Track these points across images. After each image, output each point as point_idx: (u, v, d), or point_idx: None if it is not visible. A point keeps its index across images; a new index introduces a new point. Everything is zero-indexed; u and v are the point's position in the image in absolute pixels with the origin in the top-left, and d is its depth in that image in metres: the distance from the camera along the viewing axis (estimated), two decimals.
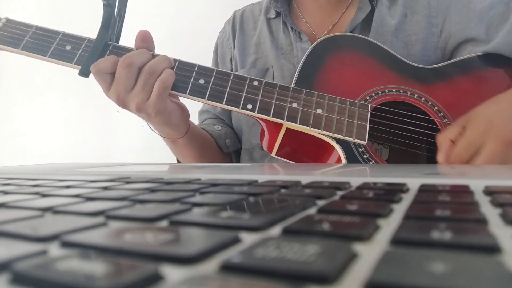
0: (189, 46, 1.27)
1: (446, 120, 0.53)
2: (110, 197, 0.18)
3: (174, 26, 1.37)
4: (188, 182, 0.24)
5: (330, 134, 0.50)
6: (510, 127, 0.43)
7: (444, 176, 0.27)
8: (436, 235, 0.10)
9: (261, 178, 0.24)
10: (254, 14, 0.74)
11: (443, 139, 0.46)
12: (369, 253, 0.09)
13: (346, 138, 0.50)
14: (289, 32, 0.68)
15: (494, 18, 0.58)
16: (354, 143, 0.50)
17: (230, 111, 0.74)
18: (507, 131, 0.42)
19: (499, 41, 0.55)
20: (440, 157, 0.46)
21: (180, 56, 0.54)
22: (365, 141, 0.50)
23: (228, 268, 0.08)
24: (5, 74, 1.66)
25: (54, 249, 0.10)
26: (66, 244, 0.10)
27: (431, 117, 0.53)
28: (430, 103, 0.53)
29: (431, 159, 0.53)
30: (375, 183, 0.21)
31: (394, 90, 0.54)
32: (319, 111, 0.51)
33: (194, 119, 0.69)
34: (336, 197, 0.17)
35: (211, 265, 0.09)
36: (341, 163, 0.49)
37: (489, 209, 0.14)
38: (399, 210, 0.14)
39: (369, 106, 0.52)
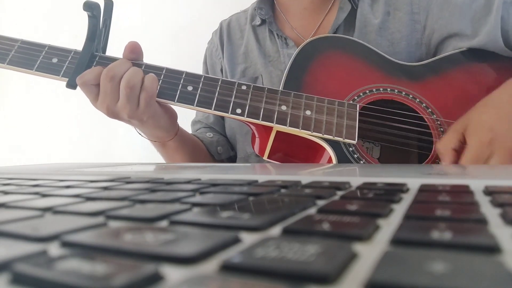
0: (189, 48, 1.27)
1: (435, 116, 0.53)
2: (110, 197, 0.18)
3: (175, 27, 1.37)
4: (188, 182, 0.24)
5: (320, 135, 0.50)
6: None
7: (444, 176, 0.27)
8: (436, 235, 0.10)
9: (261, 178, 0.24)
10: (240, 23, 0.74)
11: (444, 149, 0.46)
12: (369, 253, 0.09)
13: (336, 138, 0.50)
14: (275, 39, 0.68)
15: (477, 11, 0.58)
16: (344, 143, 0.50)
17: (223, 121, 0.74)
18: (510, 140, 0.42)
19: (484, 37, 0.56)
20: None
21: (177, 59, 0.54)
22: (355, 140, 0.50)
23: (228, 268, 0.08)
24: (4, 73, 1.66)
25: (54, 249, 0.10)
26: (66, 244, 0.10)
27: (419, 113, 0.53)
28: (417, 100, 0.54)
29: (422, 156, 0.53)
30: (375, 183, 0.21)
31: (381, 89, 0.54)
32: (308, 112, 0.51)
33: (187, 129, 0.69)
34: (336, 197, 0.17)
35: (211, 265, 0.09)
36: (332, 163, 0.49)
37: (489, 209, 0.14)
38: (399, 210, 0.14)
39: (357, 105, 0.52)
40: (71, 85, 0.51)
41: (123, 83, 0.49)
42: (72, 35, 0.58)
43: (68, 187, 0.23)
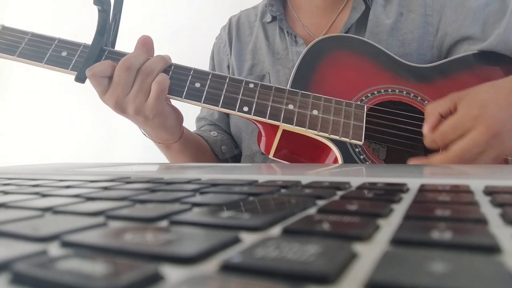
0: (190, 47, 1.28)
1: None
2: (110, 197, 0.18)
3: (175, 26, 1.37)
4: (188, 182, 0.24)
5: (327, 135, 0.50)
6: (502, 118, 0.42)
7: (444, 176, 0.27)
8: (436, 235, 0.10)
9: (261, 178, 0.24)
10: (249, 20, 0.74)
11: (432, 110, 0.46)
12: (369, 253, 0.09)
13: (343, 138, 0.50)
14: (285, 36, 0.68)
15: (490, 15, 0.57)
16: (351, 144, 0.50)
17: (228, 118, 0.74)
18: (497, 121, 0.42)
19: (495, 38, 0.55)
20: (425, 128, 0.46)
21: (180, 57, 0.54)
22: (361, 141, 0.50)
23: (228, 268, 0.08)
24: (5, 73, 1.66)
25: (54, 249, 0.10)
26: (66, 244, 0.10)
27: None
28: (426, 102, 0.54)
29: None
30: (375, 183, 0.21)
31: (390, 90, 0.54)
32: (315, 112, 0.51)
33: (191, 125, 0.69)
34: (336, 197, 0.17)
35: (211, 265, 0.09)
36: (338, 163, 0.49)
37: (489, 209, 0.14)
38: (399, 210, 0.14)
39: (365, 106, 0.52)
40: (80, 78, 0.51)
41: (142, 68, 0.49)
42: (73, 35, 0.58)
43: (68, 187, 0.23)
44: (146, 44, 0.53)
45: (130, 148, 1.41)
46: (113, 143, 1.50)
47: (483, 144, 0.42)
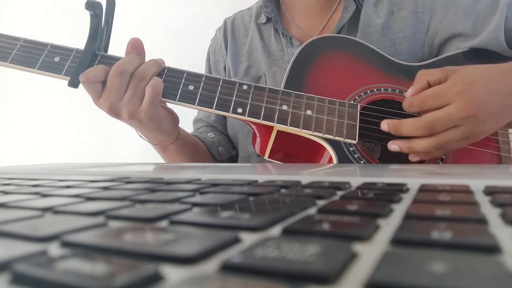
0: (189, 48, 1.28)
1: None
2: (110, 197, 0.18)
3: (172, 28, 1.37)
4: (188, 182, 0.24)
5: (321, 134, 0.50)
6: (483, 100, 0.43)
7: (444, 176, 0.27)
8: (436, 235, 0.10)
9: (261, 178, 0.24)
10: (244, 21, 0.74)
11: (422, 77, 0.47)
12: (369, 253, 0.09)
13: (337, 138, 0.50)
14: (280, 37, 0.68)
15: (481, 12, 0.58)
16: (345, 143, 0.50)
17: (224, 120, 0.74)
18: (478, 102, 0.42)
19: (486, 36, 0.55)
20: (409, 91, 0.47)
21: (177, 59, 0.54)
22: (355, 140, 0.50)
23: (228, 268, 0.08)
24: (5, 73, 1.66)
25: (54, 249, 0.10)
26: (66, 244, 0.10)
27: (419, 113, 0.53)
28: None
29: None
30: (375, 183, 0.21)
31: (382, 89, 0.55)
32: (309, 112, 0.51)
33: (188, 127, 0.69)
34: (336, 197, 0.17)
35: (211, 265, 0.09)
36: (333, 163, 0.49)
37: (489, 209, 0.14)
38: (399, 210, 0.14)
39: (358, 105, 0.52)
40: (73, 83, 0.51)
41: (136, 72, 0.49)
42: (72, 35, 0.58)
43: (68, 187, 0.23)
44: (137, 46, 0.53)
45: (130, 148, 1.41)
46: (113, 143, 1.50)
47: (456, 120, 0.42)
